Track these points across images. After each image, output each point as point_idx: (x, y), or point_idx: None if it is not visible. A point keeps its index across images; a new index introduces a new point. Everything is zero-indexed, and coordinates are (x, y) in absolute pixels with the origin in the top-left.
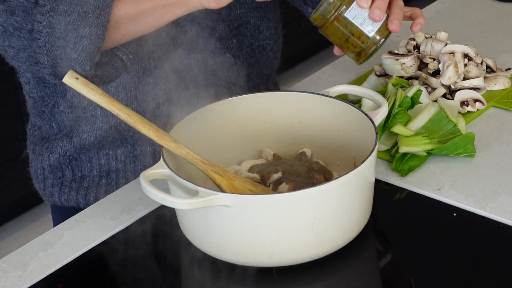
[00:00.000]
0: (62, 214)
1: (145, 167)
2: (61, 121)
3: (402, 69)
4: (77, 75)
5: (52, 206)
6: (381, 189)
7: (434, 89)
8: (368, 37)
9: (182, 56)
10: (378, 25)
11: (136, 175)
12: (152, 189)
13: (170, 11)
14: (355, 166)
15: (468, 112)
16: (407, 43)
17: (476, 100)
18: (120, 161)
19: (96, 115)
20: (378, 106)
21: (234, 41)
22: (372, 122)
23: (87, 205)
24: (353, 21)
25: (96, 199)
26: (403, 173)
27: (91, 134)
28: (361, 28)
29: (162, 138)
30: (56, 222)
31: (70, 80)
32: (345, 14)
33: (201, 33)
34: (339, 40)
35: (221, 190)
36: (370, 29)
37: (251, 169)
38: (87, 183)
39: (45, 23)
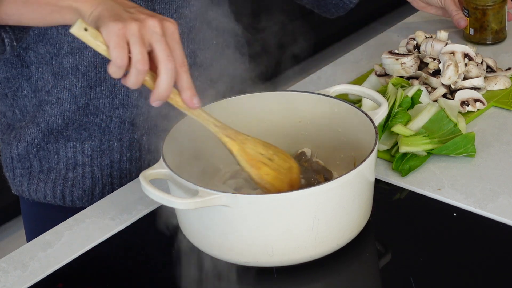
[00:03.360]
0: (30, 208)
1: (112, 162)
2: (24, 107)
3: (402, 69)
4: (87, 26)
5: (21, 199)
6: (381, 189)
7: (434, 89)
8: None
9: None
10: None
11: (102, 170)
12: (152, 189)
13: (59, 12)
14: (355, 166)
15: (468, 112)
16: (407, 43)
17: (476, 100)
18: (87, 155)
19: (63, 97)
20: (378, 106)
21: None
22: (372, 122)
23: (54, 198)
24: None
25: (63, 193)
26: (403, 173)
27: (59, 117)
28: None
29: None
30: (25, 216)
31: (78, 31)
32: None
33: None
34: None
35: (233, 155)
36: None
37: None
38: (54, 175)
39: None
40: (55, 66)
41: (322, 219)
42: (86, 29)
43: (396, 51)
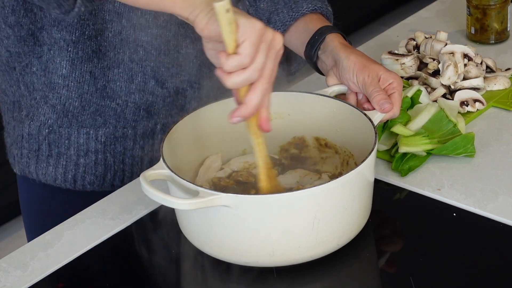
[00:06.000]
0: (32, 189)
1: (125, 149)
2: (31, 83)
3: (402, 69)
4: (231, 8)
5: (21, 180)
6: (381, 189)
7: (434, 89)
8: None
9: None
10: None
11: (115, 157)
12: (152, 190)
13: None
14: (355, 166)
15: (468, 112)
16: (407, 43)
17: (475, 100)
18: (100, 142)
19: (82, 80)
20: None
21: None
22: (371, 122)
23: (65, 182)
24: None
25: (74, 178)
26: (403, 173)
27: (76, 100)
28: None
29: None
30: (25, 199)
31: (225, 6)
32: None
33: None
34: None
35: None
36: None
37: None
38: (64, 160)
39: None
40: (72, 53)
41: (322, 219)
42: (228, 10)
43: (396, 52)
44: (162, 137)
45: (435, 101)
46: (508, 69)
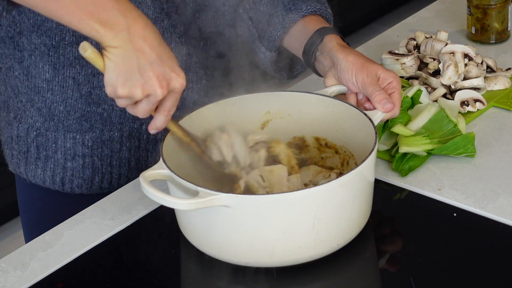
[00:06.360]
0: (27, 188)
1: (112, 151)
2: (15, 86)
3: (402, 69)
4: (92, 55)
5: (17, 178)
6: (381, 189)
7: (434, 89)
8: None
9: None
10: None
11: (102, 160)
12: (152, 190)
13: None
14: (355, 166)
15: (468, 112)
16: (407, 43)
17: (476, 100)
18: (87, 146)
19: (66, 85)
20: None
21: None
22: (372, 122)
23: (53, 184)
24: None
25: (62, 181)
26: (403, 173)
27: (61, 104)
28: None
29: None
30: (21, 196)
31: (84, 52)
32: None
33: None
34: None
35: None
36: None
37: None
38: (52, 164)
39: None
40: (53, 58)
41: (322, 219)
42: (85, 51)
43: (396, 51)
44: (148, 136)
45: (436, 101)
46: (509, 69)
